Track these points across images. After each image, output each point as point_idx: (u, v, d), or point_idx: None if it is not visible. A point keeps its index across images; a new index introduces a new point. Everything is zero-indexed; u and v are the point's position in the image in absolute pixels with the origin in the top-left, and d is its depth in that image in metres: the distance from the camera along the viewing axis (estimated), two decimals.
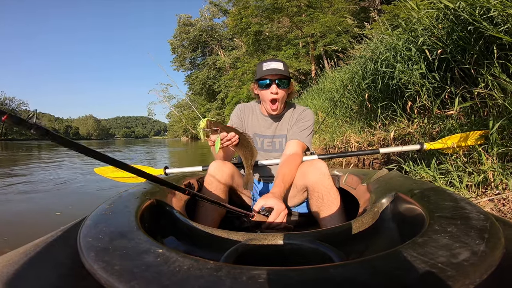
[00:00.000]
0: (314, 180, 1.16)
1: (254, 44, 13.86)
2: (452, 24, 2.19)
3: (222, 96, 27.92)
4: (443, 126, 2.28)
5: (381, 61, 2.87)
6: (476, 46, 2.00)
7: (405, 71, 2.52)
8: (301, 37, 12.24)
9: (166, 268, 0.42)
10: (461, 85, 2.24)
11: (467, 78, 2.26)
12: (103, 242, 0.51)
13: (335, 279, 0.39)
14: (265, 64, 1.36)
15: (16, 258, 0.52)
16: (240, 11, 12.59)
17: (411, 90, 2.52)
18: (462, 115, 2.22)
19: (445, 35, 2.27)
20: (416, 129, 2.54)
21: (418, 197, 0.74)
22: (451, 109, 2.26)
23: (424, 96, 2.44)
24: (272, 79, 1.33)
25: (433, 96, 2.47)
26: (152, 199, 0.85)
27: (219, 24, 32.21)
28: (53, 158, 8.16)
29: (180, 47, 33.92)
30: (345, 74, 5.12)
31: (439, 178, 1.81)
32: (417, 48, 2.49)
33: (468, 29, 2.04)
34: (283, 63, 1.37)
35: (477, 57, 2.06)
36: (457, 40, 2.13)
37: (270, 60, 1.38)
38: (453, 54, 2.24)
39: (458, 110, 2.19)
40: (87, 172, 5.08)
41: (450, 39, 2.23)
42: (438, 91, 2.43)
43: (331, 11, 10.62)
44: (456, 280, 0.37)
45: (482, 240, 0.47)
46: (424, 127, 2.49)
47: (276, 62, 1.35)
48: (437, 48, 2.31)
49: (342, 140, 4.39)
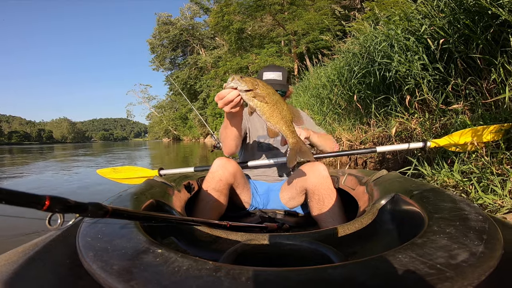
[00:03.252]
0: (315, 183, 1.18)
1: (236, 42, 13.59)
2: (453, 12, 2.02)
3: (203, 96, 27.38)
4: (448, 121, 2.10)
5: (377, 52, 2.66)
6: (482, 36, 1.83)
7: (404, 62, 2.33)
8: (283, 35, 12.12)
9: (165, 268, 0.42)
10: (465, 77, 2.08)
11: (470, 69, 2.10)
12: (102, 242, 0.51)
13: (334, 279, 0.39)
14: (265, 74, 1.45)
15: (15, 257, 0.52)
16: (222, 8, 12.30)
17: (411, 83, 2.33)
18: (467, 109, 2.05)
19: (447, 24, 2.10)
20: (418, 124, 2.35)
21: (417, 198, 0.74)
22: (456, 103, 2.09)
23: (425, 89, 2.26)
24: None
25: (433, 89, 2.30)
26: (151, 199, 0.86)
27: (200, 23, 31.70)
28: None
29: (159, 47, 33.10)
30: (331, 70, 4.96)
31: (463, 183, 1.56)
32: (416, 37, 2.31)
33: (474, 18, 1.88)
34: (282, 72, 1.46)
35: (482, 47, 1.90)
36: (461, 29, 1.96)
37: (271, 69, 1.46)
38: (455, 44, 2.07)
39: (462, 104, 2.03)
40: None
41: (452, 28, 2.06)
42: (439, 83, 2.26)
43: (313, 9, 10.56)
44: (455, 281, 0.37)
45: (481, 241, 0.47)
46: (425, 123, 2.31)
47: (276, 72, 1.45)
48: (438, 38, 2.14)
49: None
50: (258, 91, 0.89)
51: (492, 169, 1.50)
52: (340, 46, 4.78)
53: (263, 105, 0.90)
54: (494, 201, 1.32)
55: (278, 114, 0.92)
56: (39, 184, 4.14)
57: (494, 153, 1.60)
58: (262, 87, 0.90)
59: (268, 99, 0.90)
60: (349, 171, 1.43)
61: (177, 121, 39.69)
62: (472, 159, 1.67)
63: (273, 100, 0.91)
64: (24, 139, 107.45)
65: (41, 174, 5.46)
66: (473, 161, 1.65)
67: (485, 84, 1.96)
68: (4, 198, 0.32)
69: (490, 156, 1.58)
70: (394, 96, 2.71)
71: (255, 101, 0.90)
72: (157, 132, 48.28)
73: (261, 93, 0.90)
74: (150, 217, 0.59)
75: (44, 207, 0.36)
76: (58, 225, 0.43)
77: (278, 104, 0.92)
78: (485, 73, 2.00)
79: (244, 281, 0.39)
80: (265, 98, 0.90)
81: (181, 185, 1.23)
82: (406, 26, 2.48)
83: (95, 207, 0.44)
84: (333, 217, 1.14)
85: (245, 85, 0.88)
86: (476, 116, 1.92)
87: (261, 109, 0.91)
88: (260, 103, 0.90)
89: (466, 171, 1.64)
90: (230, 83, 0.90)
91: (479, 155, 1.63)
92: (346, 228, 0.75)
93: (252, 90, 0.89)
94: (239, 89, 0.89)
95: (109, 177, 2.42)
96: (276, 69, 1.46)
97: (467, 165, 1.65)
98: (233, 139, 1.26)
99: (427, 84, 2.28)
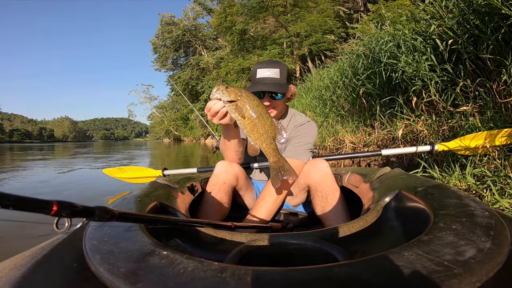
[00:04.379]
0: (317, 180, 1.15)
1: (239, 43, 13.58)
2: (462, 13, 1.97)
3: (205, 97, 27.38)
4: (456, 124, 2.05)
5: (384, 52, 2.62)
6: (493, 36, 1.78)
7: (411, 63, 2.28)
8: (285, 36, 12.11)
9: (171, 270, 0.42)
10: (473, 78, 2.03)
11: (479, 71, 2.05)
12: (108, 245, 0.51)
13: (339, 278, 0.39)
14: (259, 71, 1.21)
15: (22, 261, 0.53)
16: (225, 9, 12.29)
17: (418, 84, 2.28)
18: (476, 111, 2.00)
19: (455, 24, 2.05)
20: (425, 126, 2.30)
21: (421, 194, 0.73)
22: (464, 105, 2.04)
23: (432, 91, 2.21)
24: (265, 91, 1.19)
25: (441, 91, 2.25)
26: (155, 201, 0.86)
27: (203, 23, 31.79)
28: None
29: (162, 47, 33.18)
30: (334, 71, 4.91)
31: (477, 186, 1.51)
32: (424, 38, 2.26)
33: (484, 18, 1.83)
34: (280, 69, 1.20)
35: (493, 48, 1.85)
36: (471, 30, 1.91)
37: (266, 65, 1.21)
38: (464, 45, 2.02)
39: (471, 106, 1.98)
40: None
41: (461, 28, 2.01)
42: (447, 85, 2.21)
43: (316, 11, 10.55)
44: (463, 278, 0.36)
45: (488, 237, 0.46)
46: (432, 125, 2.26)
47: (272, 69, 1.20)
48: (446, 39, 2.09)
49: (334, 140, 4.16)
50: (239, 104, 0.84)
51: (505, 172, 1.45)
52: (343, 47, 4.75)
53: (244, 119, 0.86)
54: (511, 205, 1.27)
55: (260, 129, 0.87)
56: (44, 185, 4.10)
57: (506, 156, 1.54)
58: (246, 98, 0.85)
59: (250, 112, 0.85)
60: (352, 169, 1.42)
61: (178, 122, 39.70)
62: (484, 162, 1.62)
63: (256, 112, 0.86)
64: (25, 137, 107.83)
65: (43, 174, 5.43)
66: (485, 164, 1.59)
67: (495, 86, 1.91)
68: (12, 204, 0.32)
69: (503, 159, 1.52)
70: (400, 98, 2.66)
71: (236, 114, 0.85)
72: (158, 132, 48.34)
73: (242, 105, 0.84)
74: (155, 219, 0.59)
75: (52, 212, 0.37)
76: (66, 228, 0.42)
77: (261, 119, 0.86)
78: (494, 74, 1.95)
79: (249, 282, 0.39)
80: (247, 111, 0.85)
81: (185, 186, 1.23)
82: (413, 26, 2.43)
83: (102, 211, 0.44)
84: (337, 215, 1.11)
85: (227, 96, 0.84)
86: (485, 118, 1.87)
87: (242, 122, 0.86)
88: (238, 116, 0.85)
89: (478, 174, 1.58)
90: (214, 93, 0.86)
91: (491, 158, 1.58)
92: (351, 226, 0.74)
93: (234, 101, 0.84)
94: (222, 99, 0.85)
95: (115, 176, 2.50)
96: (273, 65, 1.21)
97: (478, 168, 1.59)
98: (233, 150, 1.21)
99: (435, 85, 2.23)
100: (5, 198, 0.32)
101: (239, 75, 14.92)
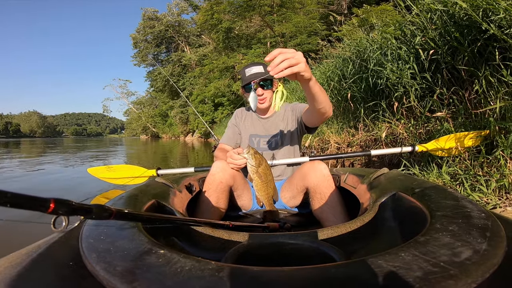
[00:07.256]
0: (316, 182, 1.19)
1: (224, 41, 13.52)
2: (445, 25, 2.17)
3: (186, 93, 26.94)
4: (432, 128, 2.25)
5: (371, 59, 2.80)
6: (469, 48, 1.99)
7: (395, 71, 2.47)
8: (270, 36, 12.24)
9: (168, 269, 0.42)
10: (449, 86, 2.25)
11: (453, 80, 2.27)
12: (104, 243, 0.51)
13: (336, 278, 0.39)
14: (247, 70, 1.48)
15: (18, 259, 0.52)
16: (212, 6, 12.19)
17: (400, 90, 2.48)
18: (449, 117, 2.22)
19: (437, 36, 2.25)
20: (404, 129, 2.50)
21: (419, 195, 0.74)
22: (439, 110, 2.25)
23: (412, 97, 2.41)
24: (256, 82, 1.40)
25: (419, 97, 2.45)
26: (153, 200, 0.87)
27: (187, 20, 31.19)
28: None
29: (143, 42, 32.17)
30: (320, 74, 5.09)
31: (451, 183, 1.71)
32: (407, 47, 2.45)
33: (462, 31, 2.03)
34: (263, 65, 1.46)
35: (468, 59, 2.07)
36: (451, 41, 2.12)
37: (251, 65, 1.49)
38: (443, 56, 2.23)
39: (445, 112, 2.20)
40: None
41: (442, 39, 2.22)
42: (425, 92, 2.42)
43: (302, 12, 10.78)
44: (459, 279, 0.37)
45: (484, 238, 0.46)
46: (410, 128, 2.47)
47: (256, 66, 1.47)
48: (428, 49, 2.29)
49: (319, 140, 4.33)
50: (259, 170, 1.17)
51: (474, 171, 1.65)
52: (328, 50, 4.93)
53: (258, 180, 1.18)
54: (480, 198, 1.47)
55: (265, 189, 1.20)
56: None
57: (475, 157, 1.75)
58: (264, 167, 1.18)
59: (263, 177, 1.18)
60: (350, 170, 1.44)
61: (156, 118, 38.68)
62: (457, 162, 1.82)
63: (266, 178, 1.19)
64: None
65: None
66: (458, 164, 1.79)
67: (467, 94, 2.13)
68: (9, 201, 0.32)
69: (472, 160, 1.73)
70: (383, 102, 2.86)
71: (255, 175, 1.17)
72: (135, 128, 46.73)
73: (261, 171, 1.17)
74: (153, 218, 0.59)
75: (49, 210, 0.36)
76: (63, 227, 0.43)
77: (268, 183, 1.20)
78: (467, 83, 2.17)
79: (246, 281, 0.39)
80: (261, 176, 1.18)
81: (182, 185, 1.24)
82: (399, 35, 2.63)
83: (100, 209, 0.44)
84: (335, 215, 1.14)
85: (253, 161, 1.16)
86: (457, 123, 2.09)
87: (256, 182, 1.19)
88: (257, 178, 1.18)
89: (451, 172, 1.78)
90: (245, 153, 1.17)
91: (462, 159, 1.78)
92: (348, 227, 0.75)
93: (255, 167, 1.16)
94: (248, 161, 1.17)
95: (101, 176, 2.29)
96: (257, 64, 1.49)
97: (452, 167, 1.79)
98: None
99: (415, 92, 2.43)
100: (2, 195, 0.31)
101: (223, 73, 14.85)
